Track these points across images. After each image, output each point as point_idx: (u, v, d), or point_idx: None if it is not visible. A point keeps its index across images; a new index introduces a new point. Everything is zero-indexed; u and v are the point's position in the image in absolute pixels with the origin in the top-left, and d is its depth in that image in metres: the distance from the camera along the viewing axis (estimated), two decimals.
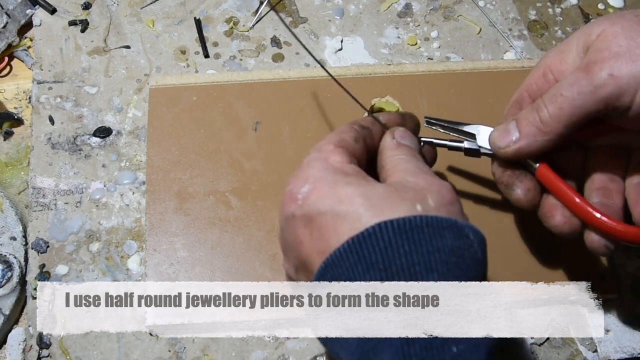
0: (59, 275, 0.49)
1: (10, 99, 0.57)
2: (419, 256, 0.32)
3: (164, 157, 0.52)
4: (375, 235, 0.32)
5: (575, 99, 0.39)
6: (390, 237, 0.32)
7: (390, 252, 0.32)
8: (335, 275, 0.33)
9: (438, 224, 0.33)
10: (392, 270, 0.32)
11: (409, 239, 0.32)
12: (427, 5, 0.62)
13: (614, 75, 0.38)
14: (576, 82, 0.39)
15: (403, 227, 0.32)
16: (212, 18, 0.60)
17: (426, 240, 0.32)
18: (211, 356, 0.47)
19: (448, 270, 0.32)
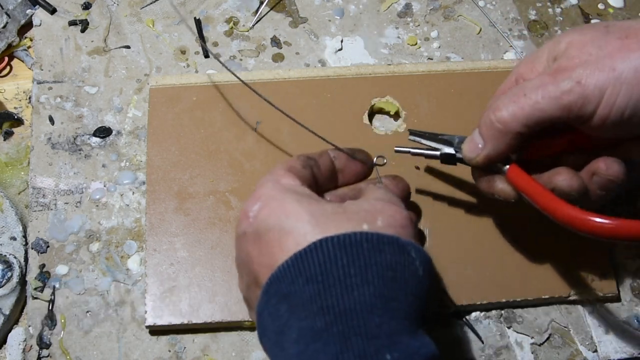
0: (59, 275, 0.49)
1: (10, 99, 0.57)
2: (355, 269, 0.33)
3: (164, 157, 0.52)
4: (316, 250, 0.33)
5: (539, 102, 0.39)
6: (330, 251, 0.33)
7: (329, 265, 0.33)
8: (279, 289, 0.34)
9: (378, 240, 0.34)
10: (329, 281, 0.33)
11: (347, 254, 0.33)
12: (427, 5, 0.62)
13: (581, 83, 0.38)
14: (541, 86, 0.39)
15: (342, 242, 0.33)
16: (212, 18, 0.60)
17: (364, 255, 0.33)
18: (211, 356, 0.47)
19: (384, 283, 0.33)
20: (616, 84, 0.37)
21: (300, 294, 0.33)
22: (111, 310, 0.48)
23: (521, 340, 0.49)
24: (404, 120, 0.54)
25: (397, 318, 0.33)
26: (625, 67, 0.37)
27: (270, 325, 0.35)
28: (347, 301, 0.32)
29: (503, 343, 0.48)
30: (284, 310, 0.34)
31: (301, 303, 0.33)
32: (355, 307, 0.32)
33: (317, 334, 0.32)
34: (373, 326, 0.32)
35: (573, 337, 0.49)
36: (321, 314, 0.32)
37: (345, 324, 0.32)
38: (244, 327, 0.47)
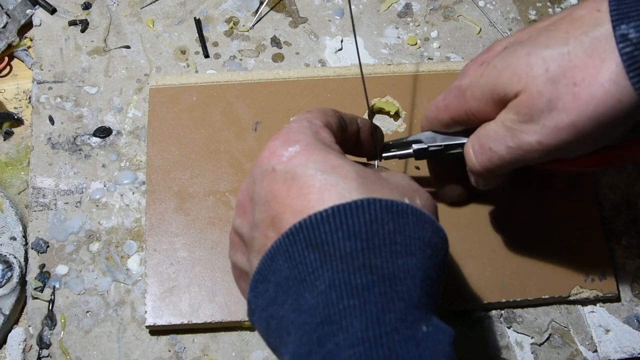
0: (59, 275, 0.49)
1: (10, 99, 0.57)
2: (401, 237, 0.32)
3: (164, 157, 0.52)
4: (363, 207, 0.32)
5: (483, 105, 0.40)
6: (377, 213, 0.32)
7: (375, 226, 0.32)
8: (311, 236, 0.32)
9: (422, 217, 0.34)
10: (374, 242, 0.32)
11: (394, 219, 0.32)
12: (427, 5, 0.62)
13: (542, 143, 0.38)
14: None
15: (391, 207, 0.32)
16: (212, 18, 0.60)
17: (409, 226, 0.33)
18: (211, 356, 0.47)
19: (424, 259, 0.33)
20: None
21: (338, 247, 0.32)
22: (111, 310, 0.48)
23: (521, 340, 0.49)
24: (404, 120, 0.54)
25: (430, 296, 0.33)
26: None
27: (284, 270, 0.33)
28: (391, 265, 0.31)
29: (503, 343, 0.48)
30: (313, 259, 0.32)
31: (339, 256, 0.31)
32: (399, 274, 0.31)
33: (355, 290, 0.31)
34: (415, 296, 0.31)
35: (573, 337, 0.49)
36: (363, 271, 0.31)
37: (389, 287, 0.31)
38: (244, 327, 0.47)
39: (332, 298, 0.31)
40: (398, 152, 0.46)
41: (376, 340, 0.29)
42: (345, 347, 0.29)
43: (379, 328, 0.29)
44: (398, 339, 0.29)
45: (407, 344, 0.29)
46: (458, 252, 0.49)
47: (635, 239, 0.52)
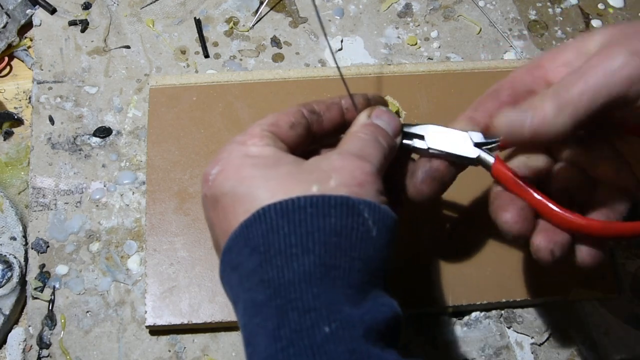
0: (59, 275, 0.49)
1: (10, 99, 0.57)
2: (297, 237, 0.31)
3: (164, 157, 0.52)
4: (259, 217, 0.32)
5: (599, 78, 0.34)
6: (272, 219, 0.32)
7: (271, 235, 0.32)
8: (230, 259, 0.33)
9: (324, 203, 0.32)
10: (270, 253, 0.31)
11: (289, 220, 0.32)
12: (427, 5, 0.62)
13: (637, 52, 0.34)
14: (597, 64, 0.35)
15: (285, 208, 0.32)
16: (212, 18, 0.60)
17: (306, 221, 0.32)
18: (211, 356, 0.47)
19: (326, 251, 0.31)
20: None
21: (245, 266, 0.32)
22: (111, 310, 0.48)
23: (521, 340, 0.49)
24: (404, 120, 0.54)
25: (338, 287, 0.31)
26: None
27: (228, 294, 0.34)
28: (286, 273, 0.31)
29: (503, 343, 0.48)
30: (235, 282, 0.33)
31: (246, 275, 0.32)
32: (294, 279, 0.31)
33: (257, 307, 0.31)
34: (310, 298, 0.30)
35: (573, 337, 0.49)
36: (262, 287, 0.31)
37: (283, 297, 0.30)
38: None
39: (246, 319, 0.31)
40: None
41: (274, 358, 0.29)
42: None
43: (275, 344, 0.29)
44: (293, 352, 0.29)
45: (302, 355, 0.29)
46: (458, 252, 0.49)
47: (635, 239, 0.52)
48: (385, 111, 0.39)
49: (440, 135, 0.41)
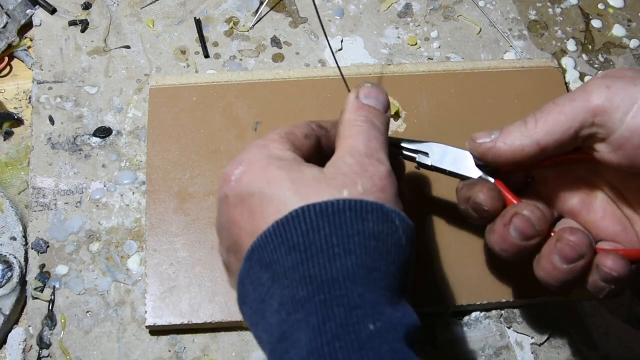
0: (59, 275, 0.49)
1: (10, 99, 0.57)
2: (338, 238, 0.32)
3: (164, 157, 0.52)
4: (298, 218, 0.33)
5: (566, 105, 0.37)
6: (312, 219, 0.33)
7: (312, 234, 0.32)
8: (261, 257, 0.33)
9: (362, 208, 0.33)
10: (311, 251, 0.32)
11: (329, 222, 0.33)
12: (427, 5, 0.62)
13: (610, 87, 0.36)
14: (571, 94, 0.38)
15: (325, 210, 0.33)
16: (212, 18, 0.60)
17: (347, 224, 0.33)
18: (211, 356, 0.47)
19: (366, 253, 0.32)
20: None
21: (282, 263, 0.33)
22: (111, 310, 0.48)
23: (521, 340, 0.49)
24: (404, 120, 0.54)
25: (379, 288, 0.32)
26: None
27: (251, 293, 0.34)
28: (329, 271, 0.32)
29: (503, 343, 0.48)
30: (266, 279, 0.33)
31: (283, 272, 0.32)
32: (337, 277, 0.31)
33: (298, 303, 0.31)
34: (355, 296, 0.31)
35: (573, 337, 0.49)
36: (304, 283, 0.32)
37: (327, 293, 0.31)
38: (244, 327, 0.47)
39: (283, 315, 0.32)
40: (404, 152, 0.44)
41: (319, 352, 0.29)
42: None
43: (320, 338, 0.30)
44: (340, 346, 0.29)
45: (349, 349, 0.29)
46: (458, 252, 0.49)
47: None
48: (371, 89, 0.40)
49: (444, 153, 0.43)
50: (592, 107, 0.37)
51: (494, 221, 0.40)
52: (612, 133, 0.37)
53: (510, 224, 0.39)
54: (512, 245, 0.39)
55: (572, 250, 0.37)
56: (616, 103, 0.36)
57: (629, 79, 0.37)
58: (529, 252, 0.39)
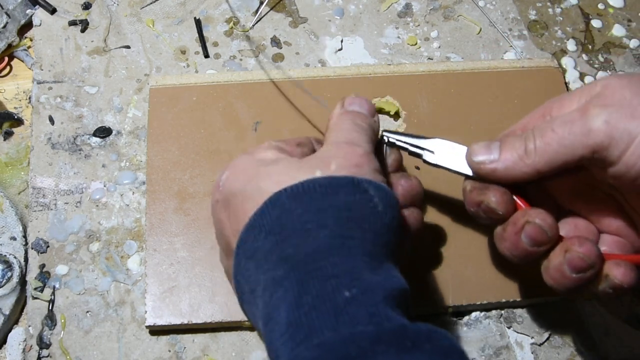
0: (59, 275, 0.49)
1: (10, 99, 0.57)
2: (310, 214, 0.34)
3: (164, 157, 0.52)
4: (272, 204, 0.34)
5: (565, 137, 0.37)
6: (285, 202, 0.34)
7: (284, 216, 0.34)
8: (245, 249, 0.35)
9: (331, 183, 0.35)
10: (286, 232, 0.33)
11: (301, 202, 0.34)
12: (427, 5, 0.62)
13: (610, 123, 0.36)
14: (570, 122, 0.38)
15: (296, 191, 0.34)
16: (212, 18, 0.60)
17: (317, 200, 0.34)
18: (211, 356, 0.47)
19: (339, 224, 0.34)
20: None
21: (262, 249, 0.34)
22: (111, 310, 0.48)
23: (521, 340, 0.49)
24: (404, 120, 0.54)
25: (355, 255, 0.33)
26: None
27: (245, 287, 0.35)
28: (303, 247, 0.33)
29: (503, 343, 0.48)
30: (252, 268, 0.34)
31: (264, 257, 0.34)
32: (311, 252, 0.32)
33: (277, 283, 0.32)
34: (329, 266, 0.32)
35: (573, 337, 0.49)
36: (280, 264, 0.33)
37: (302, 269, 0.32)
38: (244, 327, 0.47)
39: (266, 297, 0.33)
40: (410, 148, 0.44)
41: (297, 323, 0.30)
42: (278, 336, 0.31)
43: (297, 311, 0.31)
44: (316, 316, 0.30)
45: (325, 317, 0.30)
46: (458, 252, 0.49)
47: None
48: (355, 98, 0.42)
49: (447, 150, 0.43)
50: (591, 144, 0.37)
51: (505, 229, 0.40)
52: (611, 166, 0.37)
53: (522, 231, 0.39)
54: (524, 251, 0.39)
55: (581, 262, 0.38)
56: (615, 140, 0.36)
57: (628, 110, 0.36)
58: (539, 257, 0.40)
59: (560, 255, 0.39)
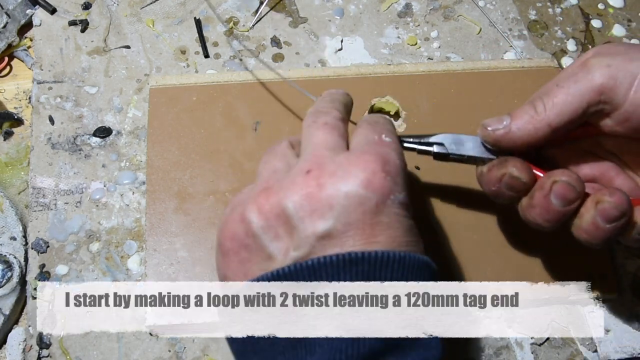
0: (59, 275, 0.49)
1: (10, 99, 0.57)
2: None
3: (164, 158, 0.52)
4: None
5: (571, 87, 0.39)
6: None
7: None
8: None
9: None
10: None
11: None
12: (427, 5, 0.62)
13: (611, 66, 0.38)
14: (572, 74, 0.40)
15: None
16: (212, 18, 0.60)
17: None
18: (211, 356, 0.47)
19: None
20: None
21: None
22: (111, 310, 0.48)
23: (521, 340, 0.49)
24: (404, 120, 0.54)
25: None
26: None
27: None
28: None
29: (503, 343, 0.48)
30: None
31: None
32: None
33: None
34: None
35: (573, 337, 0.49)
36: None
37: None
38: None
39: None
40: (418, 147, 0.44)
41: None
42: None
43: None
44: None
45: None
46: (458, 252, 0.49)
47: None
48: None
49: (455, 141, 0.44)
50: (597, 87, 0.39)
51: (532, 196, 0.40)
52: (617, 108, 0.39)
53: (550, 193, 0.39)
54: (556, 213, 0.39)
55: (615, 211, 0.38)
56: (619, 80, 0.38)
57: (625, 56, 0.39)
58: (569, 218, 0.40)
59: (591, 209, 0.39)
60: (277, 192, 0.35)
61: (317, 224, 0.33)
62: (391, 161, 0.36)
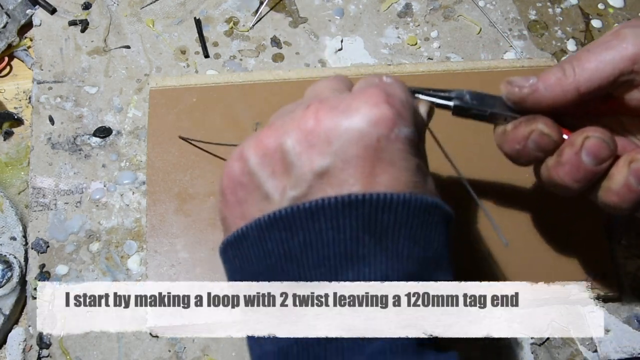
0: (59, 275, 0.49)
1: (10, 99, 0.57)
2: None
3: (164, 159, 0.52)
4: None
5: (603, 54, 0.38)
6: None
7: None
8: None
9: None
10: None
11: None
12: (427, 5, 0.62)
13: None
14: (604, 42, 0.38)
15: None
16: (212, 18, 0.60)
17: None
18: (211, 356, 0.47)
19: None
20: None
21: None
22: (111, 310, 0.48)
23: (521, 340, 0.49)
24: None
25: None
26: None
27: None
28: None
29: (503, 343, 0.48)
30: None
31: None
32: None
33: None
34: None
35: (573, 337, 0.49)
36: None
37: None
38: None
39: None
40: (436, 100, 0.41)
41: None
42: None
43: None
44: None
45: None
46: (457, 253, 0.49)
47: (635, 239, 0.52)
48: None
49: (475, 97, 0.41)
50: (630, 55, 0.37)
51: (561, 153, 0.39)
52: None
53: (581, 150, 0.37)
54: (586, 172, 0.38)
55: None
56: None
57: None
58: (597, 180, 0.38)
59: (624, 169, 0.37)
60: (277, 129, 0.33)
61: (315, 161, 0.31)
62: (395, 95, 0.33)
